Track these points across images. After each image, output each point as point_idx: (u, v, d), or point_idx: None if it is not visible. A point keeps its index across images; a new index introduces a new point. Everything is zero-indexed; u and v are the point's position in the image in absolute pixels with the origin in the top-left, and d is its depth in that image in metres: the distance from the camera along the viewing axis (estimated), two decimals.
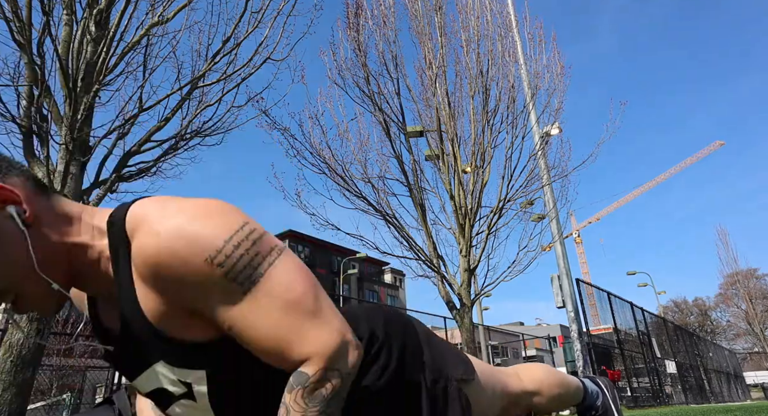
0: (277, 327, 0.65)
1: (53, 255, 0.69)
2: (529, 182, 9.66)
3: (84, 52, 4.80)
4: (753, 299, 45.50)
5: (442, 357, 0.96)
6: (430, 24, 10.08)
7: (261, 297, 0.65)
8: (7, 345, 3.88)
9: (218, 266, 0.64)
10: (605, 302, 12.59)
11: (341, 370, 0.66)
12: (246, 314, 0.65)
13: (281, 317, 0.65)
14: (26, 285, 0.66)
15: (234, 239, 0.65)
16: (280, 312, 0.65)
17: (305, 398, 0.64)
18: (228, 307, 0.65)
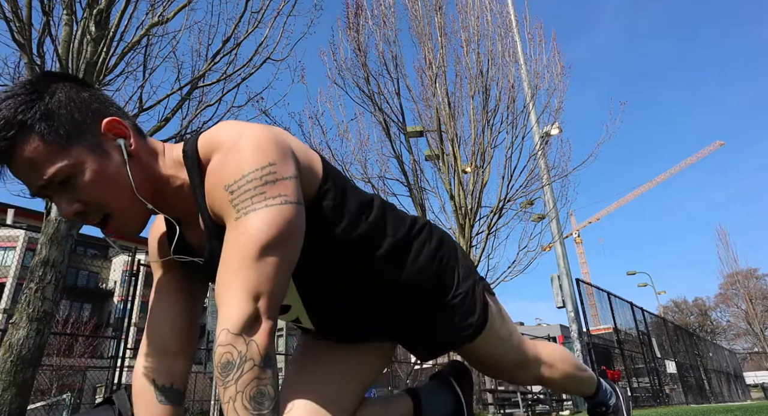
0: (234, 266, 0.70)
1: (147, 182, 0.82)
2: (529, 182, 9.68)
3: (84, 52, 4.80)
4: (753, 300, 45.49)
5: (473, 265, 1.10)
6: (430, 24, 10.08)
7: (238, 229, 0.72)
8: (7, 345, 3.88)
9: (229, 193, 0.74)
10: (605, 302, 12.59)
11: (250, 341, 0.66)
12: (226, 239, 0.74)
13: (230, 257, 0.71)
14: (125, 205, 0.79)
15: (251, 175, 0.74)
16: (232, 251, 0.72)
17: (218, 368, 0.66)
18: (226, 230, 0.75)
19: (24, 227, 7.69)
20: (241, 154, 0.75)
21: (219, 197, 0.76)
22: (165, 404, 0.92)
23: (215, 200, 0.77)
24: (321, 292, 0.91)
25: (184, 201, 0.85)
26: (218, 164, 0.77)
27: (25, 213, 26.80)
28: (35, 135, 0.73)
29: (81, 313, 27.46)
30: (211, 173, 0.79)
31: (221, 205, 0.76)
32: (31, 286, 4.09)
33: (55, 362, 19.39)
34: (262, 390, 0.64)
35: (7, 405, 3.73)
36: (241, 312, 0.67)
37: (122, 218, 0.81)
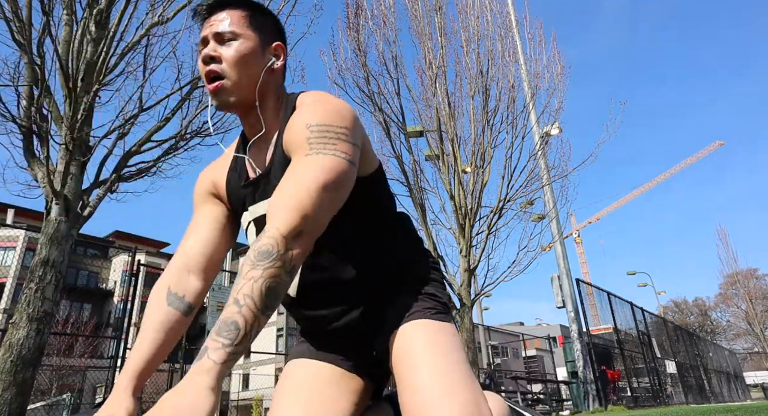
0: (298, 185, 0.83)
1: (262, 91, 1.02)
2: (529, 182, 9.67)
3: (84, 52, 4.80)
4: (753, 300, 45.50)
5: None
6: (430, 24, 10.08)
7: (306, 163, 0.86)
8: (7, 344, 3.88)
9: (308, 131, 0.90)
10: (605, 302, 12.59)
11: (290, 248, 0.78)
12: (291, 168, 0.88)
13: (293, 183, 0.85)
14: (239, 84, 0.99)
15: (330, 127, 0.90)
16: (303, 177, 0.85)
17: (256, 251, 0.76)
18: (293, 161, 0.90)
19: (24, 227, 7.69)
20: (327, 107, 0.94)
21: (298, 131, 0.91)
22: (171, 307, 1.00)
23: (292, 134, 0.92)
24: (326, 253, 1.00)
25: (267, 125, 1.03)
26: (306, 107, 0.96)
27: (25, 213, 26.80)
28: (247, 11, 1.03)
29: (81, 313, 27.47)
30: (297, 112, 0.97)
31: (296, 138, 0.90)
32: (31, 286, 4.09)
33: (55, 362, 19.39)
34: (278, 288, 0.75)
35: (7, 405, 3.73)
36: (292, 222, 0.79)
37: (229, 87, 0.99)
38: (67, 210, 4.42)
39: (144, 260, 30.33)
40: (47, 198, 4.42)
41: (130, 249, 7.10)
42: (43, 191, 4.45)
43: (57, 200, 4.38)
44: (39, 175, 4.51)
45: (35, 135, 4.64)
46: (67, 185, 4.50)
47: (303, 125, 0.91)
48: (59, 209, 4.38)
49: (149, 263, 31.19)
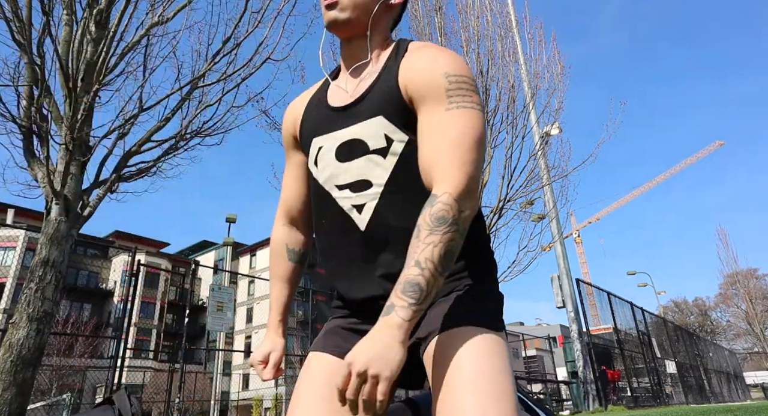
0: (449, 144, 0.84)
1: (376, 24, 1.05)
2: (529, 182, 9.67)
3: (84, 52, 4.80)
4: (753, 300, 45.49)
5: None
6: (430, 24, 10.08)
7: (455, 118, 0.86)
8: (7, 344, 3.88)
9: (447, 81, 0.89)
10: (605, 302, 12.59)
11: (462, 210, 0.81)
12: (438, 123, 0.87)
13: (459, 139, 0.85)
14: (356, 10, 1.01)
15: (466, 78, 0.90)
16: (459, 136, 0.85)
17: (433, 215, 0.79)
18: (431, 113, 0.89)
19: (24, 227, 7.68)
20: (456, 57, 0.94)
21: (434, 77, 0.90)
22: (292, 262, 1.17)
23: (424, 77, 0.91)
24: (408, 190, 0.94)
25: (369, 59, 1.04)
26: (434, 53, 0.93)
27: (25, 213, 26.80)
28: None
29: (81, 313, 27.47)
30: (420, 56, 0.95)
31: (432, 84, 0.89)
32: (31, 286, 4.09)
33: (55, 362, 19.40)
34: (454, 250, 0.79)
35: (7, 405, 3.73)
36: (461, 184, 0.81)
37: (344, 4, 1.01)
38: (67, 210, 4.42)
39: (144, 260, 30.30)
40: (47, 198, 4.42)
41: (130, 249, 7.10)
42: (43, 191, 4.45)
43: (57, 200, 4.38)
44: (39, 175, 4.51)
45: (35, 135, 4.64)
46: (67, 185, 4.50)
47: (440, 73, 0.90)
48: (59, 209, 4.38)
49: (149, 263, 31.16)
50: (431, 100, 0.89)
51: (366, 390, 0.70)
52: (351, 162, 0.97)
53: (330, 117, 1.03)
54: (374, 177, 0.95)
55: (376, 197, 0.94)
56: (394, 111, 0.94)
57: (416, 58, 0.95)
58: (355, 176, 0.96)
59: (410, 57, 0.97)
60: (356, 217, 0.96)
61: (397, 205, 0.94)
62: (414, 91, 0.92)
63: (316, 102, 1.09)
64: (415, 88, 0.92)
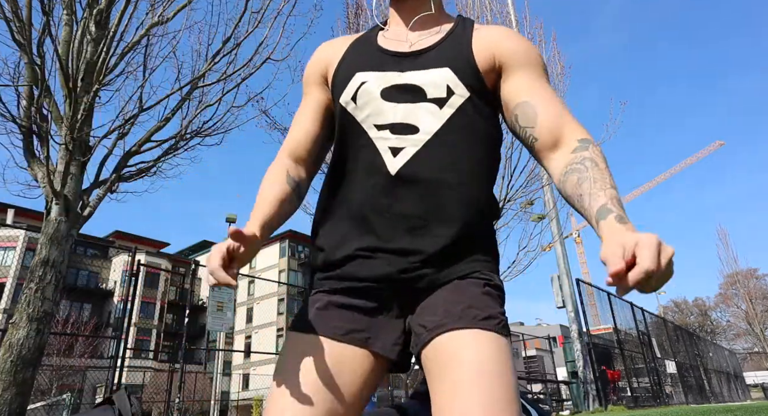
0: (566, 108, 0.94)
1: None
2: (529, 182, 9.66)
3: (84, 52, 4.80)
4: (753, 300, 45.50)
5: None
6: None
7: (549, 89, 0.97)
8: (7, 344, 3.88)
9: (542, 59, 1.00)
10: (605, 302, 12.59)
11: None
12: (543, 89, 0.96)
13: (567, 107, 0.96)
14: None
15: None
16: (566, 106, 0.96)
17: (602, 153, 0.87)
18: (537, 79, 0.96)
19: (24, 227, 7.69)
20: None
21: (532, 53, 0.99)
22: (289, 186, 1.00)
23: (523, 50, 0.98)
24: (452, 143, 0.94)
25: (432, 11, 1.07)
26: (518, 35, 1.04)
27: (25, 213, 26.80)
28: None
29: (81, 313, 27.47)
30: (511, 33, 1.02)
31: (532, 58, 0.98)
32: (31, 286, 4.09)
33: (55, 362, 19.40)
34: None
35: (7, 405, 3.73)
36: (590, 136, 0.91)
37: None
38: (67, 210, 4.42)
39: (144, 260, 30.30)
40: (47, 198, 4.42)
41: (130, 249, 7.10)
42: (43, 191, 4.45)
43: (57, 200, 4.38)
44: (39, 175, 4.51)
45: (35, 135, 4.64)
46: (67, 185, 4.50)
47: (537, 53, 1.00)
48: (59, 209, 4.38)
49: (149, 263, 31.15)
50: (533, 70, 0.97)
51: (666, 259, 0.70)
52: (400, 104, 0.94)
53: (383, 59, 1.00)
54: (424, 124, 0.92)
55: (419, 144, 0.91)
56: (462, 68, 0.95)
57: (507, 32, 1.01)
58: (400, 118, 0.93)
59: (490, 30, 1.01)
60: (389, 159, 0.91)
61: (436, 157, 0.91)
62: (512, 58, 0.97)
63: (363, 42, 1.07)
64: (512, 54, 0.97)
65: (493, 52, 0.96)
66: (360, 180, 0.94)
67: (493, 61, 0.96)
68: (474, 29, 1.01)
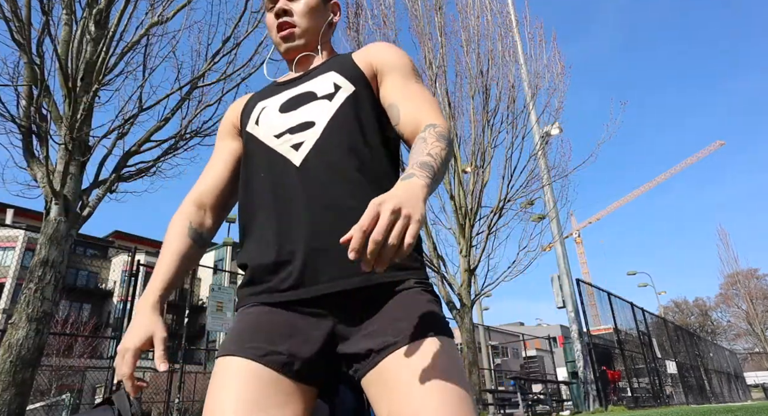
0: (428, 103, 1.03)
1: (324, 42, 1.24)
2: (529, 182, 9.67)
3: (84, 51, 4.79)
4: (753, 300, 45.49)
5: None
6: (430, 24, 10.07)
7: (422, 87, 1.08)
8: (6, 345, 3.87)
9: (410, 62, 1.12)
10: (605, 302, 12.58)
11: (452, 139, 1.03)
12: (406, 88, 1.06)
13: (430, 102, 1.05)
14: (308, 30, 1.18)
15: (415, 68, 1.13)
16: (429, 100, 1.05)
17: (437, 134, 0.92)
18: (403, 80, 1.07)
19: (23, 227, 7.68)
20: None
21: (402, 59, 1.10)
22: (189, 239, 1.07)
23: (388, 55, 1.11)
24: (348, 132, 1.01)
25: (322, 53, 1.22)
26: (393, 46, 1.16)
27: (24, 213, 26.79)
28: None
29: (81, 313, 27.45)
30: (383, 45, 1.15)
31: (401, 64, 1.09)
32: (31, 286, 4.08)
33: (54, 362, 19.39)
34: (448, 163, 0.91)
35: (7, 405, 3.72)
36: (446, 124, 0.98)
37: (298, 34, 1.18)
38: (66, 210, 4.41)
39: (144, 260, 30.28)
40: (47, 198, 4.41)
41: (129, 249, 7.09)
42: (43, 191, 4.44)
43: (56, 200, 4.37)
44: (38, 175, 4.50)
45: (35, 135, 4.63)
46: (67, 185, 4.49)
47: (407, 59, 1.12)
48: (59, 209, 4.38)
49: (149, 263, 31.09)
50: (401, 73, 1.08)
51: (397, 229, 0.65)
52: (295, 110, 1.05)
53: (278, 88, 1.14)
54: (317, 117, 1.01)
55: (317, 135, 0.99)
56: (345, 69, 1.09)
57: (378, 46, 1.14)
58: (297, 121, 1.02)
59: (368, 46, 1.16)
60: (293, 155, 0.98)
61: (335, 142, 0.98)
62: (383, 64, 1.09)
63: (263, 89, 1.22)
64: (385, 62, 1.10)
65: (370, 61, 1.11)
66: (272, 190, 0.98)
67: (372, 67, 1.10)
68: (354, 52, 1.17)
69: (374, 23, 9.94)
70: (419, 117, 1.00)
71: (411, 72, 1.10)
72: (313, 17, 1.19)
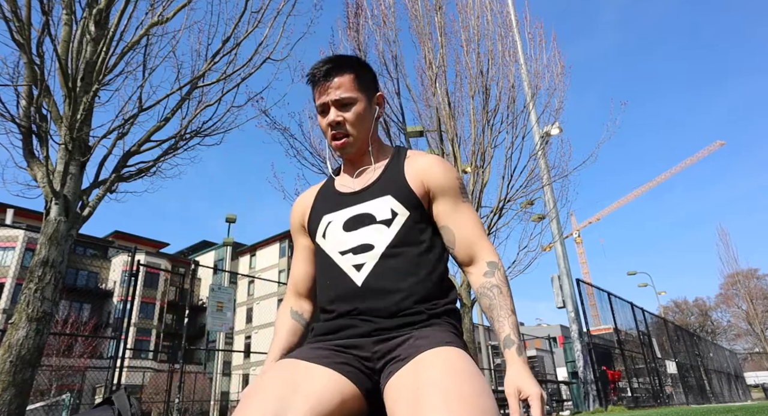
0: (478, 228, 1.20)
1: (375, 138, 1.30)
2: (529, 182, 9.66)
3: (84, 51, 4.79)
4: (753, 300, 45.47)
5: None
6: (430, 24, 10.07)
7: (469, 209, 1.22)
8: (6, 345, 3.87)
9: (459, 182, 1.22)
10: (605, 302, 12.57)
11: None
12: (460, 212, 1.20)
13: (479, 226, 1.21)
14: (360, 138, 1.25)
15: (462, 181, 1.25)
16: (478, 224, 1.21)
17: (504, 277, 1.13)
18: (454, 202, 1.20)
19: (23, 227, 7.66)
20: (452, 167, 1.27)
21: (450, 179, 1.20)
22: (295, 320, 1.32)
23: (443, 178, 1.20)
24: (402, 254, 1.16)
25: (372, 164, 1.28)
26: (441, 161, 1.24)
27: (24, 213, 26.79)
28: (354, 73, 1.23)
29: (81, 313, 27.45)
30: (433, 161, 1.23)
31: (450, 184, 1.20)
32: (31, 286, 4.08)
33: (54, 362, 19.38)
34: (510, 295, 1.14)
35: (7, 405, 3.72)
36: (497, 255, 1.18)
37: (352, 142, 1.23)
38: (66, 210, 4.41)
39: (144, 260, 30.29)
40: (47, 198, 4.41)
41: (129, 249, 7.09)
42: (43, 191, 4.44)
43: (56, 200, 4.37)
44: (38, 175, 4.50)
45: (35, 135, 4.63)
46: (67, 185, 4.49)
47: (454, 176, 1.22)
48: (59, 209, 4.38)
49: (149, 263, 31.14)
50: (451, 194, 1.20)
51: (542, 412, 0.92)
52: (357, 231, 1.18)
53: (339, 199, 1.26)
54: (377, 242, 1.15)
55: (376, 258, 1.13)
56: (400, 192, 1.19)
57: (429, 162, 1.22)
58: (358, 242, 1.16)
59: (418, 160, 1.24)
60: (354, 274, 1.14)
61: (392, 266, 1.13)
62: (435, 185, 1.20)
63: (324, 191, 1.32)
64: (437, 183, 1.20)
65: (421, 179, 1.20)
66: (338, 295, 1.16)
67: (423, 185, 1.20)
68: (406, 159, 1.26)
69: (374, 23, 9.94)
70: (474, 247, 1.17)
71: (460, 192, 1.21)
72: (363, 124, 1.24)
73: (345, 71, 1.21)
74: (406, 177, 1.20)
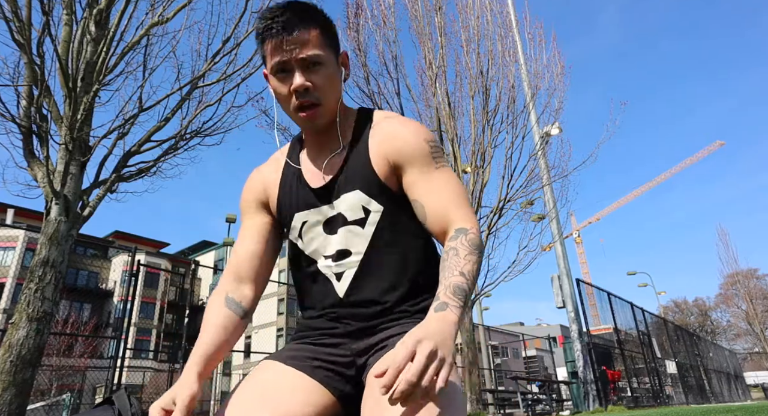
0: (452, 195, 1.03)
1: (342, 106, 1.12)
2: (529, 182, 9.67)
3: (84, 52, 4.79)
4: (753, 300, 45.48)
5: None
6: (430, 24, 10.07)
7: (445, 175, 1.04)
8: (6, 345, 3.87)
9: (429, 147, 1.05)
10: (605, 302, 12.57)
11: (482, 240, 1.01)
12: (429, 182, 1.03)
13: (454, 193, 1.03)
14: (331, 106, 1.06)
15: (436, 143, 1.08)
16: (453, 190, 1.03)
17: (470, 244, 0.95)
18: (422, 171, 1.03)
19: (24, 227, 7.69)
20: (423, 126, 1.11)
21: (418, 144, 1.04)
22: (230, 310, 1.08)
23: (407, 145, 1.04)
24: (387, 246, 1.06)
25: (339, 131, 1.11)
26: (408, 124, 1.09)
27: (25, 213, 26.80)
28: (320, 28, 1.03)
29: (81, 313, 27.45)
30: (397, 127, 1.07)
31: (417, 151, 1.04)
32: (31, 286, 4.09)
33: (54, 362, 19.39)
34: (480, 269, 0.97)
35: (7, 405, 3.72)
36: (476, 223, 1.01)
37: (323, 112, 1.05)
38: (66, 210, 4.42)
39: (144, 260, 30.27)
40: (47, 198, 4.42)
41: (129, 249, 7.10)
42: (43, 191, 4.44)
43: (57, 200, 4.38)
44: (39, 175, 4.50)
45: (35, 135, 4.63)
46: (67, 185, 4.49)
47: (422, 140, 1.05)
48: (59, 209, 4.38)
49: (149, 263, 31.11)
50: (420, 162, 1.04)
51: (430, 372, 0.69)
52: (333, 235, 1.06)
53: (309, 197, 1.10)
54: (353, 246, 1.04)
55: (355, 266, 1.04)
56: (366, 183, 1.04)
57: (392, 129, 1.07)
58: (335, 247, 1.05)
59: (381, 128, 1.08)
60: (335, 284, 1.05)
61: (373, 272, 1.04)
62: (400, 157, 1.04)
63: (291, 177, 1.14)
64: (401, 154, 1.04)
65: (384, 154, 1.05)
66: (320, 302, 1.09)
67: (388, 163, 1.05)
68: (371, 129, 1.10)
69: (374, 23, 9.95)
70: (446, 215, 1.01)
71: (429, 157, 1.04)
72: (333, 89, 1.06)
73: (309, 24, 1.00)
74: (371, 159, 1.05)
